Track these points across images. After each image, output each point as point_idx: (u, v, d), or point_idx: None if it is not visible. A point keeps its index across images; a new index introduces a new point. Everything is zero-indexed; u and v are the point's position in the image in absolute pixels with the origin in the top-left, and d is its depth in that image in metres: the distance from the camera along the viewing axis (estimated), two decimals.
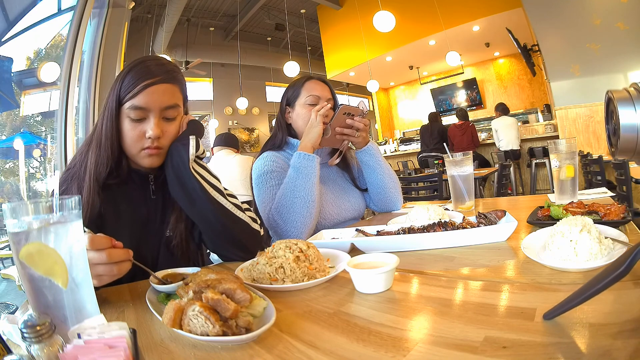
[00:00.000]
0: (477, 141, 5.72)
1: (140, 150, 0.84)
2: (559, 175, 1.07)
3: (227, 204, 0.87)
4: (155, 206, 0.91)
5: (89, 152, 0.85)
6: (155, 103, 0.82)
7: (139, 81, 0.81)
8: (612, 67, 4.55)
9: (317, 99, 1.30)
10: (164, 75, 0.83)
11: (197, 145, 0.87)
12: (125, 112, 0.82)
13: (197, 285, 0.49)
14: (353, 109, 1.24)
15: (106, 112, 0.84)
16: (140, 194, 0.90)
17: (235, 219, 0.88)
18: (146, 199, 0.90)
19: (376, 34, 6.28)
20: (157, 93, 0.82)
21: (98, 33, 3.79)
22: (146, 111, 0.82)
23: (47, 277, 0.47)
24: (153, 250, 0.88)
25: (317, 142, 1.18)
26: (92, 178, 0.81)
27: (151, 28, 7.90)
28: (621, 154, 0.41)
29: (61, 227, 0.48)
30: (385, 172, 1.35)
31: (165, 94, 0.83)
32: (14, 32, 3.65)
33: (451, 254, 0.73)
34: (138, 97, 0.81)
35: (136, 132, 0.83)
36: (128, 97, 0.81)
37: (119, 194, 0.86)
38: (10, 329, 0.48)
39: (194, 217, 0.87)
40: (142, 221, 0.88)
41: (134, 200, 0.88)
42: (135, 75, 0.82)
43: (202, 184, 0.85)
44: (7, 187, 4.85)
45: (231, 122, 10.30)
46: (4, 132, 4.61)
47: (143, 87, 0.81)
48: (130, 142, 0.84)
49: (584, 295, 0.38)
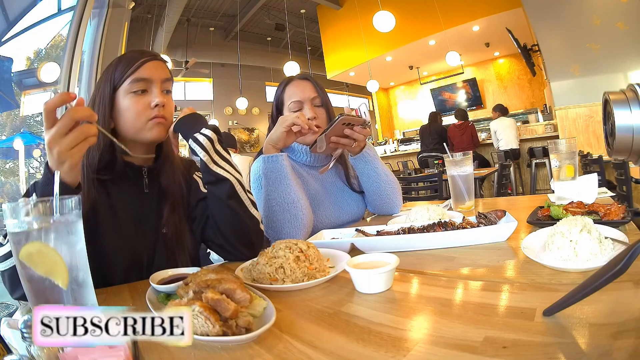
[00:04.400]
0: (477, 141, 5.71)
1: (146, 121, 0.86)
2: (559, 175, 1.07)
3: (246, 200, 0.90)
4: (151, 200, 0.91)
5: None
6: (156, 74, 0.88)
7: (137, 59, 0.87)
8: (612, 67, 4.55)
9: (300, 104, 1.23)
10: (155, 54, 0.92)
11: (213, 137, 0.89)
12: (127, 88, 0.86)
13: (197, 285, 0.49)
14: (353, 119, 1.09)
15: (98, 102, 0.86)
16: (134, 188, 0.90)
17: (251, 215, 0.90)
18: (140, 193, 0.90)
19: (376, 34, 6.28)
20: (155, 66, 0.89)
21: (98, 33, 3.79)
22: (148, 82, 0.87)
23: (47, 277, 0.47)
24: (148, 246, 0.88)
25: (279, 143, 1.10)
26: (86, 167, 0.83)
27: (151, 28, 7.91)
28: (617, 154, 0.41)
29: (61, 227, 0.48)
30: (382, 179, 1.27)
31: (162, 67, 0.90)
32: (14, 32, 3.65)
33: (451, 254, 0.73)
34: (139, 70, 0.86)
35: (141, 104, 0.86)
36: (128, 74, 0.85)
37: (114, 189, 0.87)
38: (10, 334, 0.48)
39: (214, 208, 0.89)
40: (138, 215, 0.88)
41: (129, 195, 0.89)
42: (130, 57, 0.88)
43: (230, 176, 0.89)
44: (7, 187, 4.85)
45: (231, 122, 10.30)
46: (4, 132, 4.61)
47: (142, 62, 0.87)
48: (136, 116, 0.85)
49: (583, 292, 0.38)
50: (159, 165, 0.93)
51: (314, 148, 1.11)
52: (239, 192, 0.89)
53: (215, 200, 0.89)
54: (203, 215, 0.92)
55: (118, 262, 0.82)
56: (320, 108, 1.26)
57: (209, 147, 0.87)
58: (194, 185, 0.97)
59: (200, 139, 0.86)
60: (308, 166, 1.30)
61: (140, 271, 0.83)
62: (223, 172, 0.88)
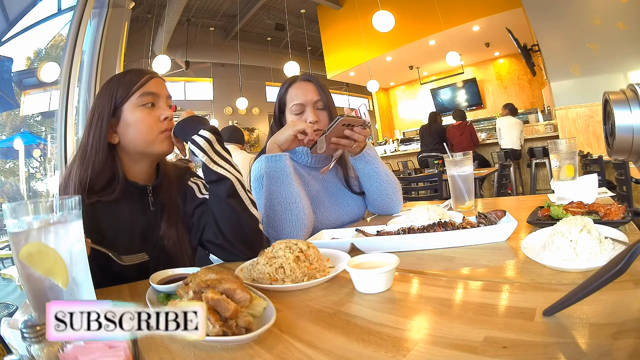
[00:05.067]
0: (476, 140, 5.71)
1: (158, 134, 0.89)
2: (559, 175, 1.07)
3: (246, 199, 0.91)
4: (155, 217, 0.92)
5: (73, 166, 0.87)
6: (161, 90, 0.92)
7: (142, 75, 0.90)
8: (612, 67, 4.55)
9: (302, 107, 1.23)
10: (155, 73, 0.96)
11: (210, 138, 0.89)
12: (136, 102, 0.88)
13: (197, 285, 0.49)
14: (354, 120, 1.09)
15: (95, 121, 0.87)
16: (138, 205, 0.91)
17: (250, 214, 0.90)
18: (145, 211, 0.91)
19: (376, 34, 6.28)
20: (159, 83, 0.93)
21: (98, 33, 3.79)
22: (156, 97, 0.90)
23: (47, 277, 0.47)
24: (154, 259, 0.88)
25: (284, 145, 1.10)
26: (77, 185, 0.82)
27: (151, 28, 7.90)
28: (617, 154, 0.41)
29: (61, 227, 0.48)
30: (382, 179, 1.27)
31: (164, 85, 0.94)
32: (14, 32, 3.65)
33: (451, 254, 0.73)
34: (147, 85, 0.89)
35: (152, 117, 0.89)
36: (135, 88, 0.88)
37: (116, 209, 0.86)
38: (10, 334, 0.48)
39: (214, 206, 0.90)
40: (143, 233, 0.89)
41: (135, 214, 0.90)
42: (135, 73, 0.90)
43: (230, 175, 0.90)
44: (7, 187, 4.85)
45: (231, 122, 10.26)
46: (4, 132, 4.62)
47: (148, 78, 0.90)
48: (148, 128, 0.88)
49: (583, 292, 0.38)
50: (160, 182, 0.95)
51: (314, 149, 1.11)
52: (239, 191, 0.90)
53: (215, 199, 0.90)
54: (201, 221, 0.93)
55: (128, 278, 0.81)
56: (322, 111, 1.26)
57: (207, 148, 0.87)
58: (190, 193, 0.98)
59: (199, 141, 0.87)
60: (309, 167, 1.30)
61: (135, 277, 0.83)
62: (223, 171, 0.88)
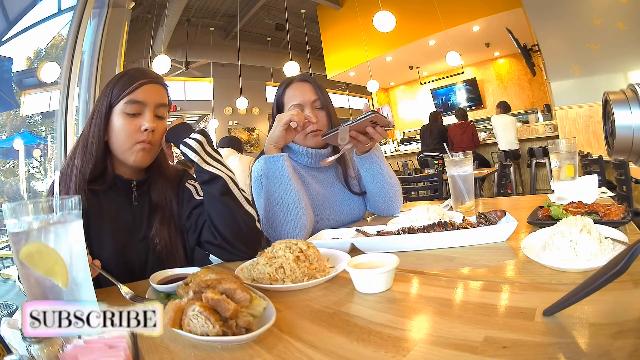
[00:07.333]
0: (477, 141, 5.71)
1: (133, 144, 0.89)
2: (559, 175, 1.07)
3: (240, 197, 0.92)
4: (141, 212, 0.94)
5: (75, 155, 0.89)
6: (151, 98, 0.90)
7: (136, 79, 0.89)
8: (612, 67, 4.55)
9: (300, 107, 1.22)
10: (156, 77, 0.94)
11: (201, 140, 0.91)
12: (121, 108, 0.88)
13: (197, 285, 0.49)
14: (381, 119, 1.07)
15: (95, 115, 0.90)
16: (123, 199, 0.93)
17: (246, 212, 0.91)
18: (130, 205, 0.93)
19: (376, 34, 6.27)
20: (152, 90, 0.91)
21: (98, 33, 3.79)
22: (142, 106, 0.89)
23: (47, 277, 0.47)
24: (140, 256, 0.90)
25: (279, 142, 1.10)
26: (79, 177, 0.86)
27: (151, 28, 7.89)
28: (617, 154, 0.41)
29: (61, 227, 0.48)
30: (386, 180, 1.26)
31: (158, 92, 0.92)
32: (14, 32, 3.65)
33: (451, 254, 0.73)
34: (136, 92, 0.88)
35: (132, 126, 0.88)
36: (124, 94, 0.88)
37: (104, 199, 0.90)
38: (10, 334, 0.48)
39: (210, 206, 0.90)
40: (127, 227, 0.91)
41: (118, 206, 0.92)
42: (131, 76, 0.90)
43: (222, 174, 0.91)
44: (7, 187, 4.85)
45: (231, 122, 10.29)
46: (4, 132, 4.62)
47: (140, 84, 0.89)
48: (125, 137, 0.88)
49: (583, 292, 0.38)
50: (149, 179, 0.96)
51: (333, 138, 1.10)
52: (232, 189, 0.91)
53: (210, 199, 0.91)
54: (199, 222, 0.94)
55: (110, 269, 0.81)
56: (320, 111, 1.26)
57: (199, 149, 0.90)
58: (187, 195, 0.99)
59: (191, 143, 0.89)
60: (309, 167, 1.30)
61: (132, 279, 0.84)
62: (215, 170, 0.90)
